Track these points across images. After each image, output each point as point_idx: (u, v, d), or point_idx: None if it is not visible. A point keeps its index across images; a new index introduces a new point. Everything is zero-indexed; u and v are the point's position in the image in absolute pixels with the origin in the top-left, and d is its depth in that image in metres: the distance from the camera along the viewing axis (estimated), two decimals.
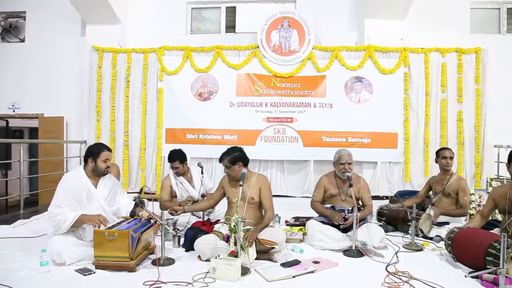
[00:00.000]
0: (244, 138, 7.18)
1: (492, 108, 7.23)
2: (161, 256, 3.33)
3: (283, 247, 3.60)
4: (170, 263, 3.34)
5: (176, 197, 4.75)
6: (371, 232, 3.85)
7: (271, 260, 3.40)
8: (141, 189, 4.13)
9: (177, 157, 4.67)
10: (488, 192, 5.47)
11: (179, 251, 3.73)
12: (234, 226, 3.12)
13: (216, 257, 3.06)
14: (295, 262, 3.30)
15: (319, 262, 3.34)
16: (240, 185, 3.40)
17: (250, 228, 3.44)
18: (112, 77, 7.36)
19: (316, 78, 7.23)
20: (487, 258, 2.91)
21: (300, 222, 4.76)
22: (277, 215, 4.88)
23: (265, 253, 3.42)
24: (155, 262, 3.23)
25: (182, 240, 3.86)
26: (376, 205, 4.87)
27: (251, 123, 7.21)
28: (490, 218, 3.93)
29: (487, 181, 5.66)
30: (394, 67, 7.18)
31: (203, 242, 3.39)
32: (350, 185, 3.84)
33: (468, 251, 3.17)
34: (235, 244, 3.12)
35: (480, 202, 5.51)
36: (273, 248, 3.41)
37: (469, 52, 7.24)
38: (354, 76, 7.22)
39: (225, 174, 3.81)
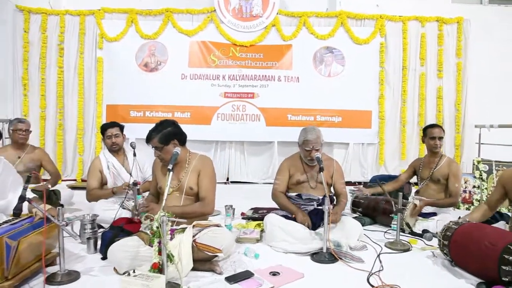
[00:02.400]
0: (198, 116, 6.26)
1: (473, 85, 6.60)
2: (60, 270, 2.37)
3: (230, 252, 2.71)
4: (72, 279, 2.37)
5: (106, 184, 3.78)
6: (346, 229, 3.03)
7: (213, 271, 2.50)
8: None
9: (116, 124, 3.86)
10: (474, 177, 4.80)
11: (94, 259, 2.77)
12: (157, 227, 2.19)
13: (131, 272, 2.14)
14: (246, 275, 2.41)
15: (278, 274, 2.47)
16: (169, 170, 2.46)
17: (185, 228, 2.53)
18: (42, 44, 6.19)
19: (281, 47, 6.35)
20: (503, 267, 2.12)
21: (260, 214, 3.86)
22: (232, 206, 4.00)
23: (205, 262, 2.52)
24: (53, 278, 2.29)
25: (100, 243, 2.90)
26: (349, 192, 4.09)
27: (206, 98, 6.28)
28: None
29: (474, 164, 4.96)
30: (369, 37, 6.41)
31: (120, 249, 2.43)
32: (321, 169, 2.98)
33: (472, 255, 2.37)
34: (160, 253, 2.20)
35: (465, 187, 4.84)
36: (216, 256, 2.50)
37: (451, 22, 6.58)
38: (324, 46, 6.41)
39: (156, 157, 2.88)
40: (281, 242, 2.96)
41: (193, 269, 2.43)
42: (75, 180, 6.18)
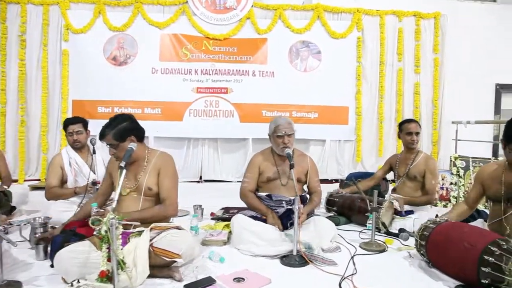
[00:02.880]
0: (169, 112, 5.98)
1: (450, 81, 6.53)
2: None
3: (193, 256, 2.49)
4: None
5: (66, 182, 3.50)
6: (319, 230, 2.85)
7: (172, 278, 2.28)
8: None
9: (79, 120, 3.56)
10: (452, 173, 4.69)
11: (43, 266, 2.51)
12: (106, 232, 1.95)
13: (75, 282, 1.90)
14: (207, 283, 2.21)
15: (243, 280, 2.27)
16: (121, 167, 2.22)
17: (142, 231, 2.30)
18: (1, 35, 5.80)
19: (256, 41, 6.13)
20: (482, 269, 1.97)
21: (230, 215, 3.61)
22: (201, 206, 3.79)
23: (164, 268, 2.30)
24: None
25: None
26: (325, 190, 3.91)
27: (177, 94, 6.00)
28: None
29: (451, 160, 4.85)
30: (345, 31, 6.25)
31: (68, 255, 2.17)
32: (291, 166, 2.79)
33: (451, 256, 2.22)
34: (109, 260, 1.97)
35: (443, 184, 4.72)
36: (175, 261, 2.28)
37: (428, 17, 6.51)
38: (300, 40, 6.22)
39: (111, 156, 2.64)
40: (248, 245, 2.76)
41: (151, 276, 2.21)
42: (39, 180, 5.84)
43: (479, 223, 2.86)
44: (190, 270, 2.41)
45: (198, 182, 6.12)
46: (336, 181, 6.04)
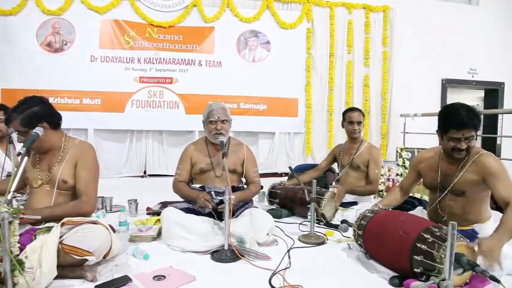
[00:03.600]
0: (109, 102, 5.62)
1: (399, 74, 6.55)
2: None
3: (115, 253, 2.24)
4: None
5: None
6: (255, 222, 2.66)
7: (84, 278, 2.02)
8: None
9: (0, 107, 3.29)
10: (398, 164, 4.66)
11: None
12: None
13: None
14: (122, 282, 1.97)
15: (164, 278, 2.05)
16: (20, 154, 1.94)
17: (51, 227, 2.03)
18: None
19: (202, 30, 5.89)
20: (415, 257, 1.85)
21: None
22: (135, 200, 3.52)
23: (76, 267, 2.04)
24: None
25: None
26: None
27: (119, 83, 5.64)
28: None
29: (397, 152, 4.84)
30: (295, 21, 6.14)
31: None
32: (224, 155, 2.59)
33: (386, 246, 2.09)
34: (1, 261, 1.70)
35: (389, 176, 4.69)
36: (86, 260, 2.02)
37: (377, 10, 6.50)
38: (248, 29, 6.04)
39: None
40: (178, 240, 2.53)
41: (60, 277, 1.95)
42: None
43: (418, 211, 2.79)
44: (108, 268, 2.17)
45: (142, 177, 5.83)
46: (286, 174, 5.91)
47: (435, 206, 2.44)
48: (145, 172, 5.87)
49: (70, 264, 2.01)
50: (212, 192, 2.69)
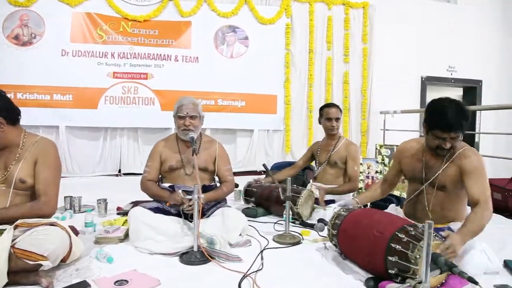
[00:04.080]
0: (82, 98, 5.39)
1: (378, 71, 6.51)
2: None
3: (77, 256, 2.10)
4: None
5: None
6: (227, 222, 2.54)
7: (38, 284, 1.87)
8: None
9: None
10: (377, 161, 4.60)
11: None
12: None
13: None
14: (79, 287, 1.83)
15: (126, 282, 1.91)
16: None
17: (4, 230, 1.87)
18: None
19: (179, 24, 5.72)
20: (389, 258, 1.76)
21: None
22: (105, 200, 3.37)
23: (30, 273, 1.88)
24: None
25: None
26: None
27: (92, 79, 5.41)
28: None
29: (376, 148, 4.78)
30: (274, 17, 6.03)
31: None
32: (193, 151, 2.47)
33: (361, 246, 2.00)
34: None
35: (368, 173, 4.61)
36: (41, 265, 1.87)
37: (357, 7, 6.44)
38: (226, 24, 5.90)
39: None
40: (146, 241, 2.40)
41: (12, 283, 1.81)
42: None
43: (392, 209, 2.69)
44: (68, 273, 2.02)
45: (117, 175, 5.63)
46: (265, 172, 5.80)
47: (414, 199, 2.38)
48: (119, 171, 5.68)
49: (23, 270, 1.86)
50: (180, 191, 2.55)
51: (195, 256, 2.21)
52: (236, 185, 3.57)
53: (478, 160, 2.15)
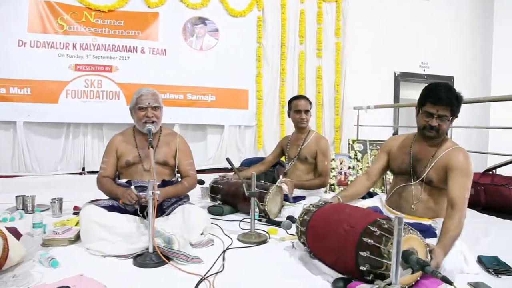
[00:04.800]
0: (41, 92, 5.06)
1: (352, 67, 6.43)
2: None
3: (18, 261, 1.88)
4: None
5: None
6: (188, 220, 2.36)
7: None
8: None
9: None
10: (350, 157, 4.49)
11: None
12: None
13: None
14: None
15: None
16: None
17: None
18: None
19: (146, 15, 5.46)
20: (361, 253, 1.61)
21: None
22: (60, 199, 3.11)
23: None
24: None
25: None
26: None
27: (51, 71, 5.09)
28: None
29: (349, 143, 4.67)
30: (245, 9, 5.86)
31: None
32: (149, 144, 2.26)
33: (330, 242, 1.85)
34: None
35: (341, 169, 4.51)
36: None
37: (330, 1, 6.40)
38: (196, 16, 5.68)
39: None
40: (99, 242, 2.18)
41: None
42: None
43: (376, 200, 2.59)
44: (4, 281, 1.80)
45: (80, 174, 5.34)
46: (238, 169, 5.62)
47: (399, 192, 2.35)
48: (83, 169, 5.39)
49: None
50: (132, 188, 2.35)
51: (150, 258, 2.02)
52: (202, 182, 3.38)
53: (466, 160, 2.16)
